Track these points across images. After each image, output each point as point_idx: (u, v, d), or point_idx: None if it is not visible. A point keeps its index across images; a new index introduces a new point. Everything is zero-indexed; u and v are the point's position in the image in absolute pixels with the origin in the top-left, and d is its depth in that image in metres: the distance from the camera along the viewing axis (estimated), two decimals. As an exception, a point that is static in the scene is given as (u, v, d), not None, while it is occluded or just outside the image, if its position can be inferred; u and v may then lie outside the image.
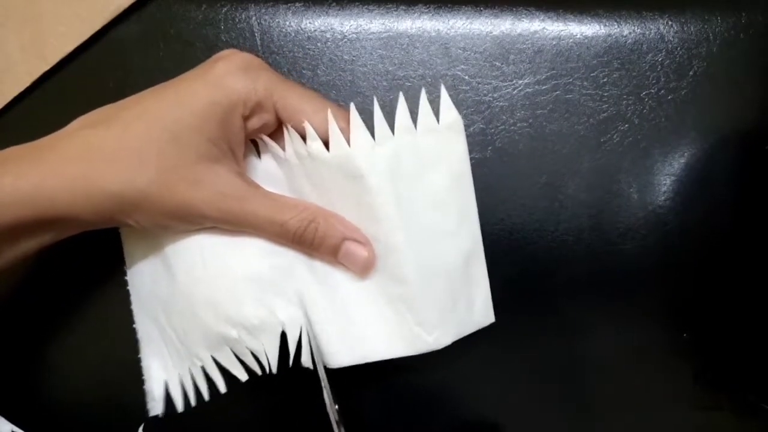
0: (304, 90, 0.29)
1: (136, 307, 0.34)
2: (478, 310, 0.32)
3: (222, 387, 0.32)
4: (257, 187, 0.29)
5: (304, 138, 0.29)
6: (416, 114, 0.29)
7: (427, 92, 0.29)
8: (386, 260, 0.30)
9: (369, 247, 0.29)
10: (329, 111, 0.28)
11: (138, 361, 0.35)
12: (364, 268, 0.30)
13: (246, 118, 0.29)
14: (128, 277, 0.34)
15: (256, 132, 0.30)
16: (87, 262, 0.35)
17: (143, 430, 0.35)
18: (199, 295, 0.30)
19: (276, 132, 0.31)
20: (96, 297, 0.35)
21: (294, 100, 0.29)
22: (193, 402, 0.33)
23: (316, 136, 0.29)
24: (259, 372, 0.31)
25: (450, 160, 0.30)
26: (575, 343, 0.35)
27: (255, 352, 0.31)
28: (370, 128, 0.28)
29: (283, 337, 0.31)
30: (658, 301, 0.34)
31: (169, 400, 0.33)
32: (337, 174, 0.29)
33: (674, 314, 0.35)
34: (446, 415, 0.35)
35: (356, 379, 0.35)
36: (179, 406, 0.33)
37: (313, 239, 0.29)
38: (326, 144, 0.29)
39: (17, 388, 0.35)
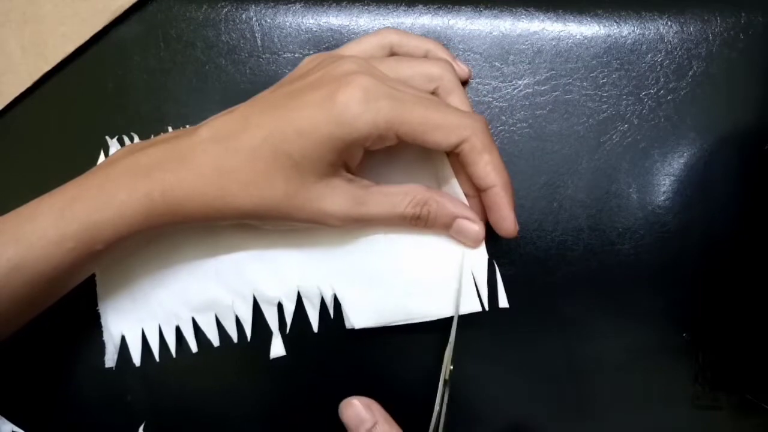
0: (426, 111, 0.29)
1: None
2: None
3: (194, 347, 0.34)
4: (368, 186, 0.31)
5: None
6: None
7: None
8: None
9: (479, 223, 0.32)
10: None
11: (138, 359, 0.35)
12: (476, 241, 0.32)
13: (367, 147, 0.30)
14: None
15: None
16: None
17: (143, 430, 0.35)
18: (210, 266, 0.34)
19: None
20: (96, 296, 0.35)
21: (415, 126, 0.29)
22: (157, 357, 0.34)
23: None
24: (235, 338, 0.34)
25: None
26: (574, 343, 0.35)
27: (240, 319, 0.34)
28: None
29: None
30: (658, 301, 0.34)
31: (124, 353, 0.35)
32: None
33: (674, 314, 0.35)
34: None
35: (352, 378, 0.35)
36: (136, 359, 0.34)
37: (427, 221, 0.32)
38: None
39: (17, 388, 0.35)
